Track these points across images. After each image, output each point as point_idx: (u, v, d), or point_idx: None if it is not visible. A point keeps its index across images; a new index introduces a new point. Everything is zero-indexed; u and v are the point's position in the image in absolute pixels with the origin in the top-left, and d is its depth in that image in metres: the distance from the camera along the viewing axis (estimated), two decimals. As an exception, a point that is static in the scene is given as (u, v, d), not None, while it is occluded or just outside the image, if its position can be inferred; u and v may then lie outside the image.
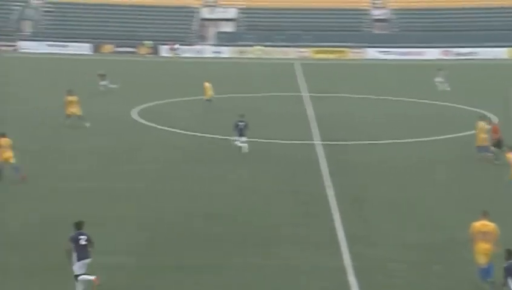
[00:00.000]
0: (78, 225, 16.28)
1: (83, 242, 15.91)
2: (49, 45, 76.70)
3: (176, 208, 22.29)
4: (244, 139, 29.49)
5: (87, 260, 15.92)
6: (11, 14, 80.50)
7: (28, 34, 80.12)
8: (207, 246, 19.03)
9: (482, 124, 29.24)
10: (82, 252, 15.88)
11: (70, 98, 34.89)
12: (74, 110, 34.49)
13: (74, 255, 15.85)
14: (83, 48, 76.03)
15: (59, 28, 79.62)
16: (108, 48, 77.47)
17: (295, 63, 68.35)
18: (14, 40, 77.77)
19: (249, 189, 24.60)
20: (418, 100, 44.66)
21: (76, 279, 15.71)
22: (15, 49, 76.70)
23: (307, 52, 76.91)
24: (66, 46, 75.56)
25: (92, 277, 15.68)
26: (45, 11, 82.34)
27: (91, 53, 76.07)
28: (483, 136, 28.88)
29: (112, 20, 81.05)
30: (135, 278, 17.02)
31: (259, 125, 32.95)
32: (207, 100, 41.29)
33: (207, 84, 41.66)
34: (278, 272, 17.37)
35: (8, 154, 25.23)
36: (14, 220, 21.01)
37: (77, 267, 15.79)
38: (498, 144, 28.32)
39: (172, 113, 39.89)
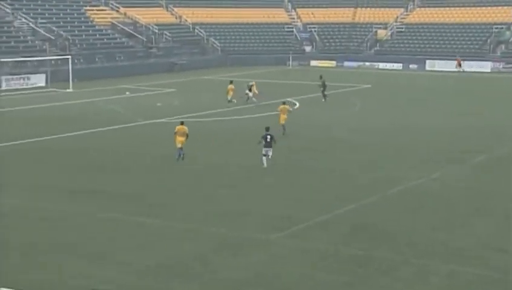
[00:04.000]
0: (267, 129, 29.82)
1: (268, 139, 29.18)
2: None
3: None
4: None
5: (267, 149, 29.19)
6: None
7: None
8: None
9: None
10: (266, 144, 29.24)
11: None
12: None
13: (262, 145, 29.31)
14: None
15: None
16: None
17: None
18: None
19: None
20: None
21: (262, 156, 29.23)
22: None
23: None
24: None
25: (264, 161, 29.30)
26: None
27: None
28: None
29: None
30: None
31: None
32: None
33: None
34: None
35: (284, 116, 37.11)
36: None
37: (263, 151, 29.18)
38: None
39: None
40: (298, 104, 50.35)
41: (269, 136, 29.47)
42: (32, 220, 22.62)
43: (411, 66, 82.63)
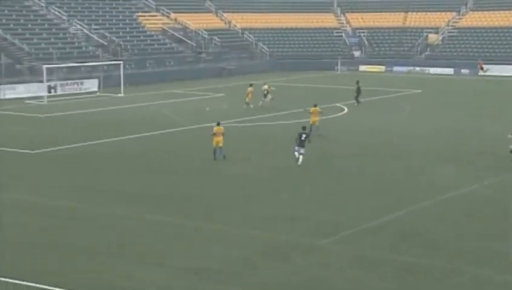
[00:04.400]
0: (304, 128, 31.03)
1: (302, 138, 30.13)
2: None
3: None
4: None
5: (299, 147, 30.08)
6: None
7: None
8: None
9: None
10: (300, 142, 30.12)
11: None
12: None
13: (296, 142, 30.24)
14: None
15: None
16: None
17: None
18: None
19: None
20: None
21: (295, 154, 30.16)
22: None
23: None
24: None
25: (299, 159, 29.93)
26: None
27: None
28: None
29: None
30: None
31: None
32: None
33: None
34: None
35: (314, 118, 38.30)
36: None
37: (296, 148, 30.10)
38: None
39: None
40: (346, 109, 50.14)
41: (303, 135, 30.56)
42: (80, 221, 23.01)
43: (462, 70, 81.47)
